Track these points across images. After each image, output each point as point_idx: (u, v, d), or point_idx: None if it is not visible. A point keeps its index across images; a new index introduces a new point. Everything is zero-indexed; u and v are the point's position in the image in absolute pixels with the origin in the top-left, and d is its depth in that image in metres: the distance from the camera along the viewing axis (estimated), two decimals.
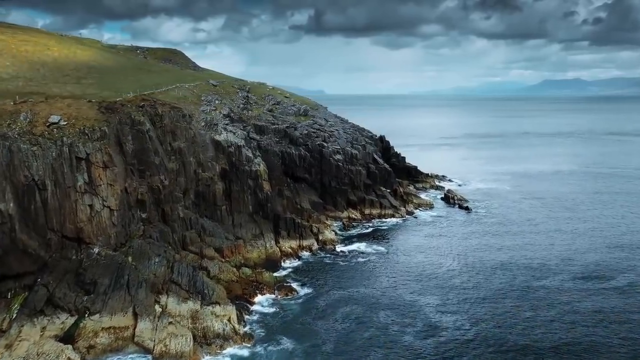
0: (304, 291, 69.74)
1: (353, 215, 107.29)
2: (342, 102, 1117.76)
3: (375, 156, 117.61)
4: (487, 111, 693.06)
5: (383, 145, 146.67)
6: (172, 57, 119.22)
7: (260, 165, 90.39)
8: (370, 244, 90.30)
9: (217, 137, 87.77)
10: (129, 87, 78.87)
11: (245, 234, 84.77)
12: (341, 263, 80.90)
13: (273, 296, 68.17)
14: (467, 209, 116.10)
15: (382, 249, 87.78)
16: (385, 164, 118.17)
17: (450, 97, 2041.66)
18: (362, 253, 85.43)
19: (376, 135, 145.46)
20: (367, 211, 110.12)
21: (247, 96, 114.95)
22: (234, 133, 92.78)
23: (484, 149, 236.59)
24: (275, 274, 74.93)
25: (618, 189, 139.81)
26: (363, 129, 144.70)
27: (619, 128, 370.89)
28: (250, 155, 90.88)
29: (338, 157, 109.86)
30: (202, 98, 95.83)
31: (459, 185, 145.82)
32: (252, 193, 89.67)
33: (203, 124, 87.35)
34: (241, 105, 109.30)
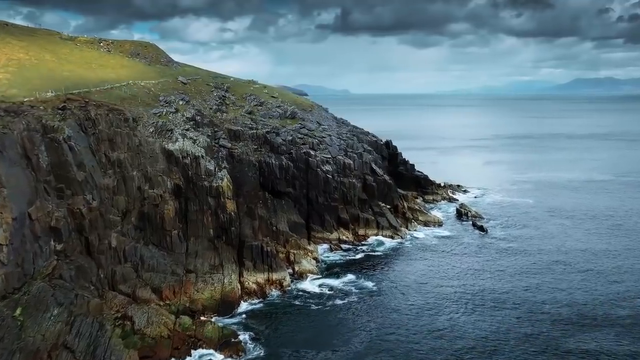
0: (255, 352, 53.60)
1: (344, 237, 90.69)
2: (366, 101, 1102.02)
3: (373, 166, 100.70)
4: (514, 111, 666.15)
5: (390, 151, 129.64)
6: (141, 50, 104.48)
7: (223, 180, 74.46)
8: (356, 278, 73.62)
9: (168, 146, 72.16)
10: (52, 85, 63.72)
11: (200, 265, 69.08)
12: (314, 307, 64.33)
13: (212, 358, 52.22)
14: (481, 228, 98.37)
15: (369, 285, 70.97)
16: (385, 176, 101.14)
17: (477, 96, 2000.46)
18: (344, 292, 68.69)
19: (381, 141, 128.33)
20: (361, 231, 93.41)
21: (224, 96, 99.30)
22: (195, 140, 77.09)
23: (508, 152, 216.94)
24: (224, 323, 58.89)
25: None
26: (367, 133, 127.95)
27: None
28: (212, 167, 75.01)
29: (327, 167, 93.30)
30: (161, 98, 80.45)
31: (476, 197, 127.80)
32: (213, 214, 73.85)
33: (152, 129, 71.82)
34: (214, 107, 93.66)
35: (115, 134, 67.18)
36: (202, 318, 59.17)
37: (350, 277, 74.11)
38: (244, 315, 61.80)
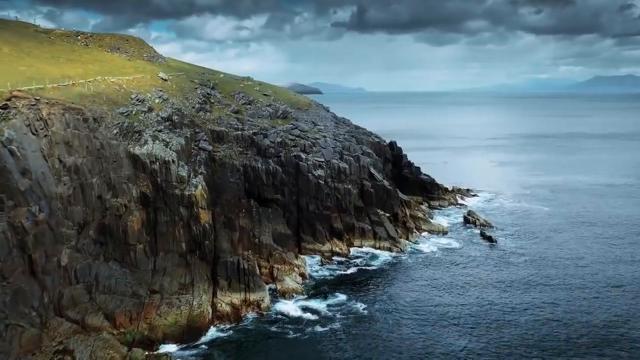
0: None
1: (337, 248, 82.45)
2: (381, 100, 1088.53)
3: (372, 170, 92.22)
4: (531, 109, 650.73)
5: (394, 153, 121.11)
6: (122, 45, 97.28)
7: (197, 187, 66.62)
8: (345, 299, 65.35)
9: (134, 150, 64.48)
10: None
11: (168, 284, 61.41)
12: (291, 335, 56.22)
13: None
14: (490, 239, 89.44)
15: (358, 308, 62.64)
16: (384, 181, 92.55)
17: (494, 94, 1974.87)
18: (328, 317, 60.42)
19: (384, 142, 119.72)
20: (356, 242, 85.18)
21: (209, 94, 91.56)
22: (167, 143, 69.37)
23: (523, 153, 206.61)
24: (184, 356, 51.05)
25: None
26: (369, 134, 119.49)
27: None
28: (184, 173, 67.22)
29: (319, 172, 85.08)
30: (133, 96, 72.85)
31: (486, 202, 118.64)
32: (185, 225, 66.11)
33: (116, 131, 64.19)
34: (197, 105, 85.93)
35: (73, 136, 59.60)
36: (158, 351, 51.36)
37: (338, 297, 65.86)
38: (209, 345, 53.87)
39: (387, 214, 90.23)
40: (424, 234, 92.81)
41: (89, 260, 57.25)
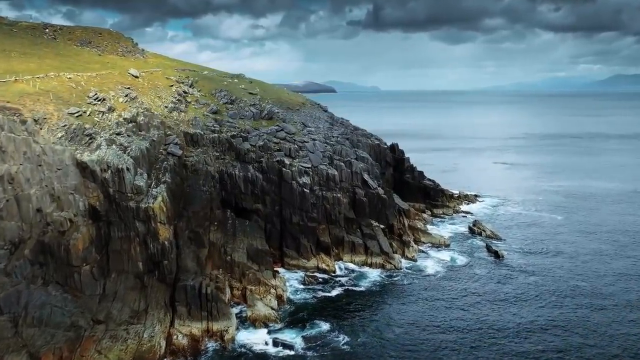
0: None
1: (324, 265, 73.84)
2: (395, 98, 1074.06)
3: (365, 177, 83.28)
4: (548, 108, 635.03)
5: (395, 156, 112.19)
6: (94, 38, 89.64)
7: (156, 199, 58.36)
8: (324, 329, 56.62)
9: (83, 156, 56.37)
10: None
11: (118, 312, 53.30)
12: None
13: None
14: (496, 254, 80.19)
15: (339, 341, 53.81)
16: (379, 189, 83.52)
17: (510, 93, 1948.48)
18: (301, 354, 51.73)
19: (385, 144, 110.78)
20: (345, 257, 76.58)
21: (185, 92, 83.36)
22: (125, 148, 61.22)
23: (538, 154, 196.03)
24: None
25: None
26: (369, 135, 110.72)
27: None
28: (141, 183, 59.01)
29: (305, 179, 76.44)
30: (90, 94, 64.83)
31: (494, 210, 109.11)
32: (141, 242, 57.92)
33: (62, 134, 56.17)
34: (170, 105, 77.81)
35: (7, 140, 51.60)
36: None
37: (318, 326, 57.15)
38: None
39: (382, 226, 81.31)
40: (424, 247, 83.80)
41: (19, 285, 49.20)
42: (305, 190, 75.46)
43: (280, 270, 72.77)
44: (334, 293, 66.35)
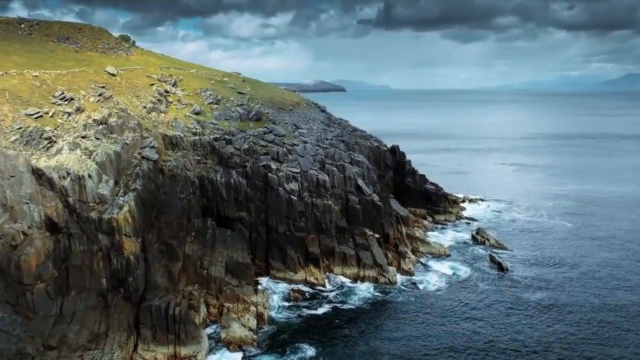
0: None
1: (313, 278, 68.39)
2: (406, 97, 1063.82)
3: (359, 182, 77.51)
4: (561, 107, 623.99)
5: (396, 159, 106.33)
6: (73, 34, 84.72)
7: (121, 209, 53.06)
8: (307, 355, 51.12)
9: (39, 162, 51.19)
10: None
11: (75, 335, 48.27)
12: None
13: None
14: (500, 266, 74.24)
15: None
16: (373, 195, 77.72)
17: (522, 92, 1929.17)
18: None
19: (384, 146, 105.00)
20: (336, 269, 71.03)
21: (167, 91, 78.12)
22: (91, 153, 56.03)
23: (549, 155, 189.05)
24: None
25: None
26: (368, 137, 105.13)
27: None
28: (105, 191, 53.78)
29: (292, 185, 70.91)
30: (57, 94, 59.71)
31: (501, 214, 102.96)
32: (105, 257, 52.71)
33: (16, 137, 51.08)
34: (149, 105, 72.58)
35: None
36: None
37: (300, 351, 51.71)
38: None
39: (377, 235, 75.58)
40: (422, 258, 78.04)
41: None
42: (292, 197, 69.93)
43: (267, 281, 67.63)
44: (321, 311, 60.75)
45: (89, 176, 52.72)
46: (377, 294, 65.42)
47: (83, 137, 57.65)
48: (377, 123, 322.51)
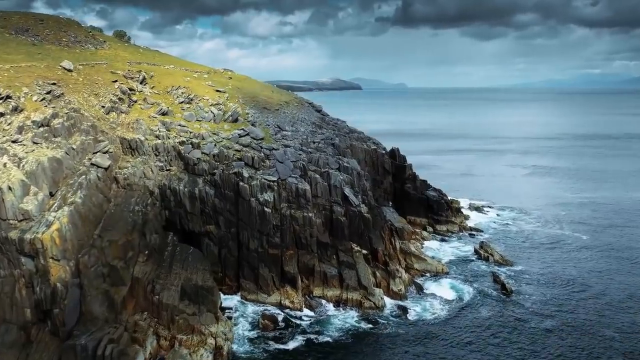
0: None
1: (288, 301, 60.18)
2: (422, 96, 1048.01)
3: (347, 191, 68.90)
4: (582, 106, 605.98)
5: (396, 163, 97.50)
6: (33, 26, 77.60)
7: (49, 227, 45.27)
8: None
9: None
10: None
11: None
12: None
13: None
14: (504, 288, 65.22)
15: None
16: (361, 205, 69.07)
17: (542, 90, 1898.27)
18: None
19: (383, 149, 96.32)
20: (316, 291, 62.68)
21: (132, 89, 70.33)
22: (20, 160, 48.40)
23: (566, 157, 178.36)
24: None
25: None
26: (366, 139, 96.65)
27: None
28: (30, 207, 46.06)
29: (267, 196, 62.64)
30: None
31: (508, 225, 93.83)
32: (28, 284, 44.97)
33: None
34: (108, 104, 64.83)
35: None
36: None
37: None
38: None
39: (364, 251, 66.95)
40: (417, 276, 69.35)
41: None
42: (266, 209, 61.66)
43: (236, 301, 59.88)
44: (291, 345, 52.34)
45: (9, 188, 45.02)
46: (361, 323, 56.79)
47: (14, 142, 50.04)
48: (388, 122, 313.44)
